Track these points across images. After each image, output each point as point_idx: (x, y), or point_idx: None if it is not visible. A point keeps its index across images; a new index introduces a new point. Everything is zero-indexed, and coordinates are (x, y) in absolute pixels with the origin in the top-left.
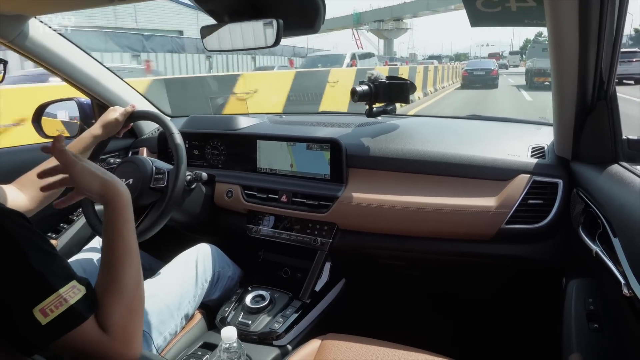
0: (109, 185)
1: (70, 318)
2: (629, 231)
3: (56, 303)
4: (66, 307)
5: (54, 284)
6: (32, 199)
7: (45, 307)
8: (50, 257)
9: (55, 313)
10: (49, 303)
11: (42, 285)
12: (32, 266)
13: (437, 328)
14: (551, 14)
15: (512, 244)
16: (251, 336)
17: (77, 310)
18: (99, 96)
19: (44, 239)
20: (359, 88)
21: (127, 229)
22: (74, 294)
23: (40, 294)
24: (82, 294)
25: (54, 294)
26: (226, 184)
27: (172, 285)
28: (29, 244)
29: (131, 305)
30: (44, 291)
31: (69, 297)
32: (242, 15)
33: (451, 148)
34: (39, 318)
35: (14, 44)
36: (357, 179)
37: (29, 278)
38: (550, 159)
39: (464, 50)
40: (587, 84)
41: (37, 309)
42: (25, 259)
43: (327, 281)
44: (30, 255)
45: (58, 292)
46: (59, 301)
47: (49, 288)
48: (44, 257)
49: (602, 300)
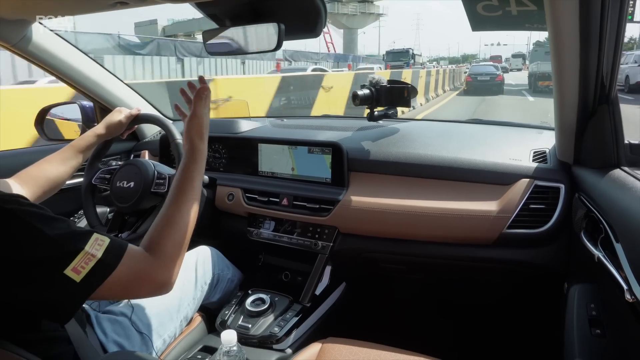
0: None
1: (103, 269)
2: (631, 236)
3: (85, 260)
4: (95, 261)
5: (78, 244)
6: (32, 194)
7: (76, 265)
8: (63, 222)
9: (87, 269)
10: (80, 261)
11: (66, 248)
12: (49, 235)
13: (438, 332)
14: (552, 18)
15: (514, 248)
16: (251, 340)
17: (106, 261)
18: (101, 99)
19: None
20: (360, 92)
21: (198, 179)
22: (100, 245)
23: (68, 257)
24: (107, 244)
25: (81, 252)
26: (227, 187)
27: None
28: (39, 218)
29: (183, 238)
30: (70, 253)
31: (95, 250)
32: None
33: (452, 152)
34: (73, 277)
35: (17, 48)
36: (358, 182)
37: (51, 245)
38: (552, 164)
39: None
40: (588, 88)
41: (69, 268)
42: (41, 231)
43: (327, 285)
44: (44, 227)
45: (84, 250)
46: (87, 257)
47: (74, 248)
48: (59, 224)
49: (604, 305)
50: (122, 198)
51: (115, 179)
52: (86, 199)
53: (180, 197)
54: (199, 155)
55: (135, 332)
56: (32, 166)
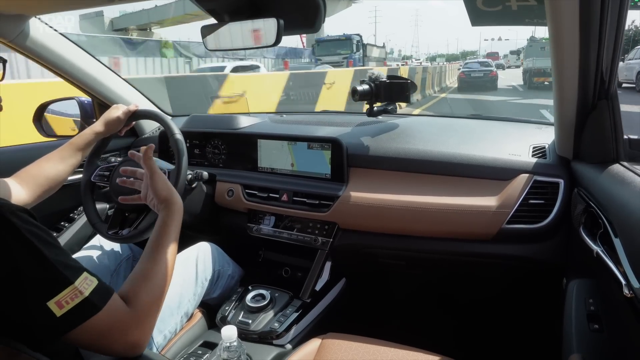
0: (173, 194)
1: (86, 309)
2: (630, 231)
3: (72, 295)
4: (81, 298)
5: (70, 277)
6: (32, 193)
7: (61, 299)
8: (60, 250)
9: (71, 305)
10: (65, 295)
11: (57, 278)
12: (47, 259)
13: (437, 328)
14: (552, 12)
15: (513, 243)
16: (251, 335)
17: (91, 301)
18: (100, 95)
19: (50, 233)
20: (359, 87)
21: (175, 232)
22: (88, 285)
23: (56, 287)
24: (95, 285)
25: (70, 287)
26: (227, 183)
27: (172, 283)
28: (39, 239)
29: (159, 294)
30: (59, 283)
31: (83, 288)
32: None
33: (452, 147)
34: (54, 310)
35: (14, 43)
36: (358, 178)
37: (44, 271)
38: (551, 159)
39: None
40: (588, 83)
41: (53, 301)
42: (39, 253)
43: (327, 280)
44: (43, 249)
45: (74, 285)
46: (74, 293)
47: (64, 280)
48: (56, 251)
49: (602, 300)
50: (122, 194)
51: (115, 176)
52: (85, 196)
53: (158, 252)
54: (175, 207)
55: None
56: (31, 165)
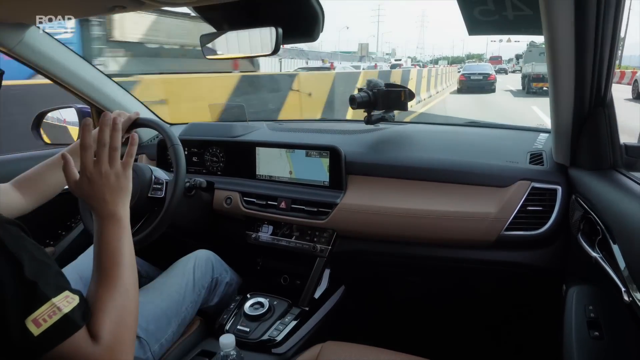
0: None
1: (64, 327)
2: (628, 238)
3: (49, 312)
4: (60, 315)
5: (48, 293)
6: (30, 199)
7: (38, 317)
8: (45, 266)
9: (49, 322)
10: (42, 312)
11: (35, 295)
12: (26, 276)
13: (436, 335)
14: (547, 22)
15: (512, 250)
16: (250, 344)
17: (71, 318)
18: (99, 103)
19: (39, 248)
20: (357, 95)
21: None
22: (68, 302)
23: (33, 304)
24: (76, 303)
25: (47, 303)
26: (225, 190)
27: (170, 291)
28: (24, 253)
29: (123, 318)
30: (37, 300)
31: (62, 306)
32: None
33: (450, 155)
34: (32, 329)
35: (14, 51)
36: (356, 185)
37: (22, 288)
38: (548, 166)
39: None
40: (584, 91)
41: (30, 319)
42: (20, 268)
43: (326, 288)
44: (25, 264)
45: (51, 301)
46: (52, 310)
47: (42, 297)
48: (39, 267)
49: (602, 307)
50: None
51: None
52: (83, 204)
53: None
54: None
55: None
56: (29, 171)
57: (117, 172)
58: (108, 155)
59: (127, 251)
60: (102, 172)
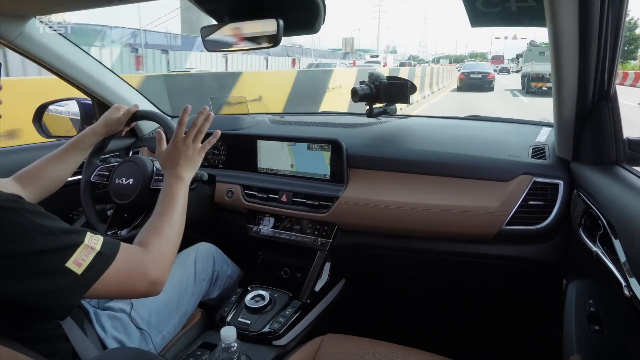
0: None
1: (102, 261)
2: (629, 232)
3: (85, 252)
4: (95, 253)
5: (77, 238)
6: (32, 193)
7: (77, 258)
8: (59, 220)
9: (87, 261)
10: (80, 254)
11: (68, 242)
12: (50, 230)
13: (437, 328)
14: (551, 14)
15: (513, 244)
16: (251, 336)
17: (105, 253)
18: (100, 96)
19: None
20: (359, 88)
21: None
22: (96, 241)
23: (69, 249)
24: (102, 240)
25: (81, 246)
26: (227, 183)
27: (171, 284)
28: (38, 215)
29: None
30: (71, 246)
31: (93, 244)
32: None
33: (451, 148)
34: (75, 269)
35: (14, 44)
36: (357, 179)
37: (53, 239)
38: (550, 160)
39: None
40: (587, 84)
41: (71, 261)
42: (42, 226)
43: (327, 281)
44: (45, 222)
45: (84, 243)
46: (87, 250)
47: (74, 242)
48: (56, 222)
49: (602, 301)
50: (121, 195)
51: (114, 176)
52: (85, 196)
53: (165, 209)
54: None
55: (135, 328)
56: (31, 165)
57: (196, 147)
58: (194, 135)
59: (182, 202)
60: (187, 143)
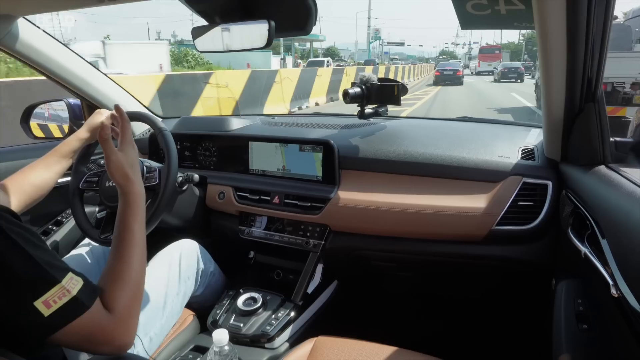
0: (128, 181)
1: (74, 308)
2: (616, 232)
3: (59, 294)
4: (69, 297)
5: (56, 276)
6: (17, 201)
7: (48, 298)
8: (45, 250)
9: (59, 304)
10: (53, 294)
11: (44, 278)
12: (35, 259)
13: (428, 329)
14: (539, 17)
15: (503, 245)
16: (243, 339)
17: (80, 300)
18: (88, 97)
19: (34, 233)
20: (351, 90)
21: (136, 223)
22: (75, 284)
23: (43, 286)
24: (82, 284)
25: (57, 286)
26: (218, 185)
27: (156, 283)
28: (24, 239)
29: (135, 292)
30: (47, 283)
31: (70, 287)
32: (233, 16)
33: (442, 150)
34: (42, 310)
35: (1, 44)
36: (349, 180)
37: (32, 271)
38: (539, 161)
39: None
40: (575, 86)
41: (40, 301)
42: (26, 253)
43: (319, 283)
44: (29, 249)
45: (61, 284)
46: (62, 292)
47: (51, 280)
48: (41, 251)
49: (591, 300)
50: (112, 197)
51: (104, 180)
52: (74, 204)
53: (123, 248)
54: (131, 197)
55: None
56: (16, 173)
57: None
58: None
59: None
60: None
